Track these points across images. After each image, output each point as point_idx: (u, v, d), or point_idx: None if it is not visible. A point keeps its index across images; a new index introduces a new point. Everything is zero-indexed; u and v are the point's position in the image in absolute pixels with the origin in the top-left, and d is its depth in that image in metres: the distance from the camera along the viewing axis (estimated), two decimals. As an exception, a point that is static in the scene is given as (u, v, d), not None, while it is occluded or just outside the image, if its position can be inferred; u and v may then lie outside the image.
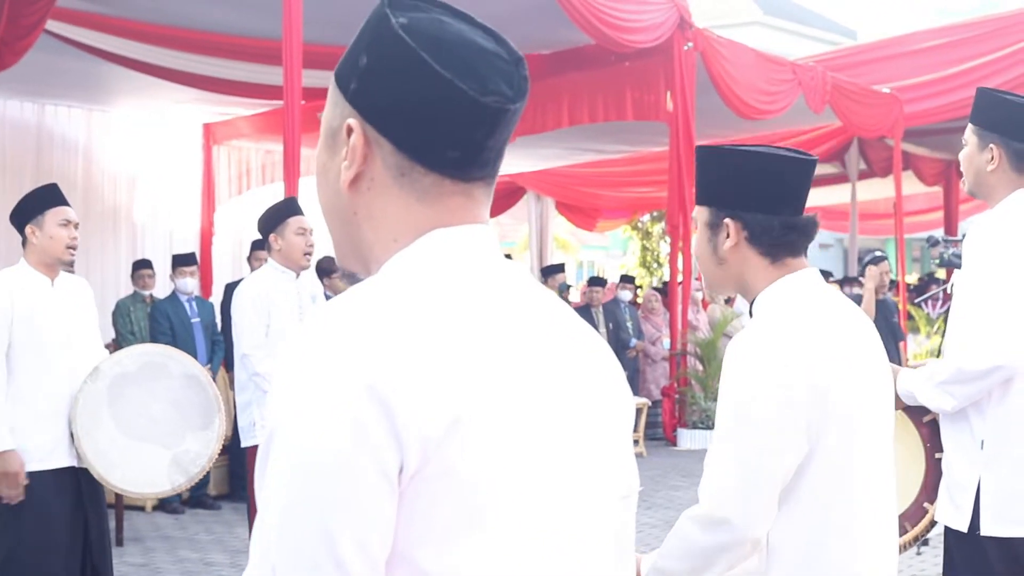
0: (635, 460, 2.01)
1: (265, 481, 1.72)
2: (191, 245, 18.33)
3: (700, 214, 3.53)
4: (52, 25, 12.24)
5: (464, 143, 1.85)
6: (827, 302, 3.45)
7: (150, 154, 18.56)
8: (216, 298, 15.66)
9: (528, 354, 1.83)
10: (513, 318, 1.85)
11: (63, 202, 6.88)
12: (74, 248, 6.86)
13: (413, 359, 1.69)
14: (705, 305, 19.55)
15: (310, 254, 8.04)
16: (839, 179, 24.33)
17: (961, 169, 5.08)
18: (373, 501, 1.66)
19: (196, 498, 12.94)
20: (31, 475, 6.73)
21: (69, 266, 6.92)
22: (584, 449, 1.87)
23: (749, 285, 3.49)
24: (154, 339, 12.65)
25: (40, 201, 6.87)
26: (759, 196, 3.42)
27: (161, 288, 14.37)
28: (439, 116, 1.82)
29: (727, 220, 3.44)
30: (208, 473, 12.71)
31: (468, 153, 1.86)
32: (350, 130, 1.88)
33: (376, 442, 1.65)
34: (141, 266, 14.17)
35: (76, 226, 6.88)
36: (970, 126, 4.96)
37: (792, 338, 3.31)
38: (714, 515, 3.26)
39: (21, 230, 6.85)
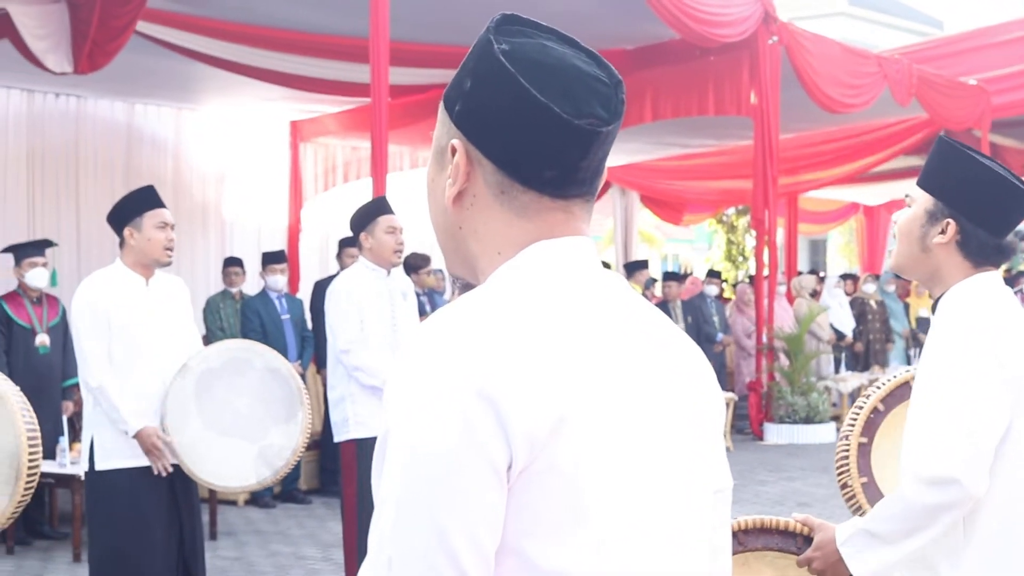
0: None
1: (382, 478, 1.82)
2: (279, 242, 18.50)
3: (923, 200, 3.67)
4: (142, 26, 12.41)
5: (560, 163, 1.94)
6: (1009, 301, 3.63)
7: (238, 151, 18.72)
8: (304, 295, 15.78)
9: (626, 358, 1.92)
10: (612, 324, 1.93)
11: (160, 204, 6.97)
12: (171, 249, 6.94)
13: (520, 363, 1.79)
14: (790, 299, 19.48)
15: (400, 252, 8.09)
16: (926, 172, 24.12)
17: None
18: (482, 496, 1.75)
19: (287, 492, 13.08)
20: (127, 471, 6.84)
21: (165, 266, 7.03)
22: (680, 447, 1.95)
23: (943, 280, 3.68)
24: (245, 336, 12.75)
25: (138, 203, 6.96)
26: (991, 217, 3.60)
27: (249, 285, 14.51)
28: (536, 138, 1.92)
29: (950, 220, 3.60)
30: (299, 468, 12.90)
31: (564, 173, 1.95)
32: (454, 150, 1.97)
33: (485, 440, 1.74)
34: (231, 263, 14.33)
35: (173, 227, 6.96)
36: None
37: (996, 325, 3.52)
38: (942, 475, 3.40)
39: (119, 231, 6.93)
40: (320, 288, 13.76)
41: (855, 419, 4.66)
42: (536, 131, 1.91)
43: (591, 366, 1.85)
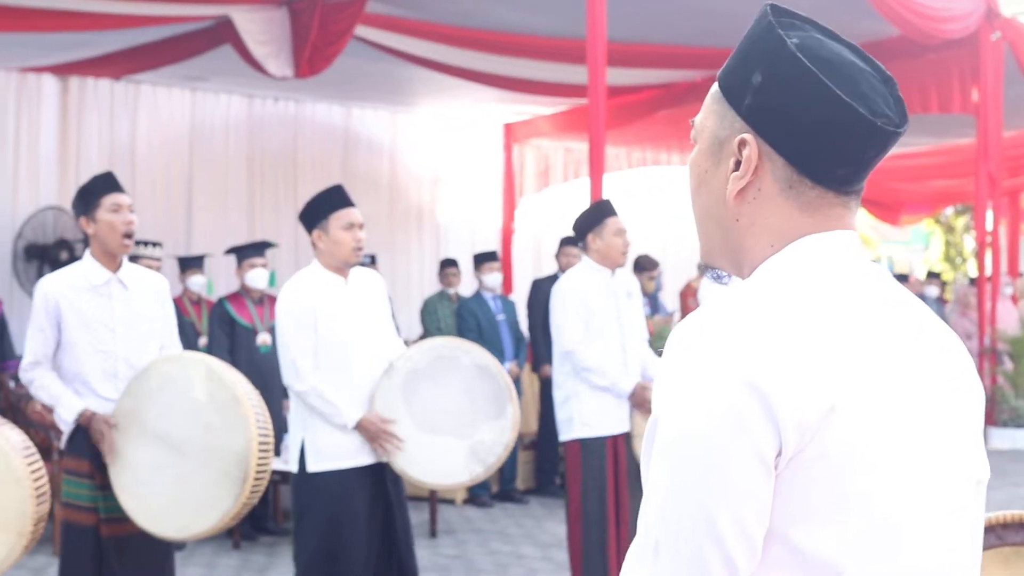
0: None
1: (651, 465, 1.87)
2: (492, 243, 18.63)
3: None
4: (359, 30, 12.55)
5: (855, 161, 1.98)
6: None
7: (452, 154, 18.88)
8: (519, 295, 15.82)
9: (895, 348, 1.92)
10: (881, 316, 1.94)
11: (346, 203, 6.88)
12: (360, 248, 6.86)
13: (790, 353, 1.80)
14: (1015, 301, 19.02)
15: (626, 253, 8.12)
16: None
17: None
18: (750, 484, 1.78)
19: (505, 492, 13.17)
20: (337, 473, 6.85)
21: (364, 263, 6.96)
22: (946, 437, 1.94)
23: None
24: (461, 336, 12.81)
25: (323, 206, 6.88)
26: None
27: (463, 286, 14.59)
28: (835, 135, 1.94)
29: None
30: (516, 467, 12.97)
31: (856, 170, 1.99)
32: (743, 143, 1.98)
33: (753, 430, 1.77)
34: (447, 264, 14.48)
35: (361, 226, 6.87)
36: None
37: None
38: None
39: (309, 235, 6.93)
40: (538, 287, 13.77)
41: None
42: (836, 130, 1.93)
43: (861, 356, 1.85)
